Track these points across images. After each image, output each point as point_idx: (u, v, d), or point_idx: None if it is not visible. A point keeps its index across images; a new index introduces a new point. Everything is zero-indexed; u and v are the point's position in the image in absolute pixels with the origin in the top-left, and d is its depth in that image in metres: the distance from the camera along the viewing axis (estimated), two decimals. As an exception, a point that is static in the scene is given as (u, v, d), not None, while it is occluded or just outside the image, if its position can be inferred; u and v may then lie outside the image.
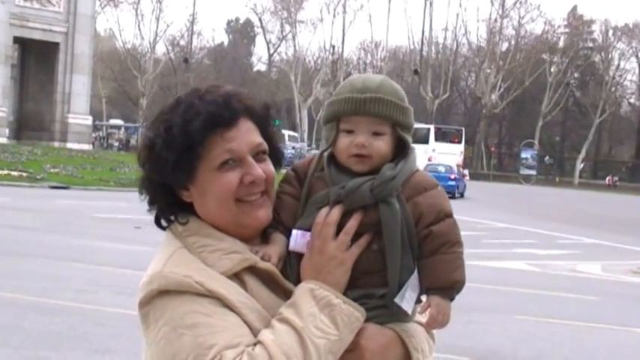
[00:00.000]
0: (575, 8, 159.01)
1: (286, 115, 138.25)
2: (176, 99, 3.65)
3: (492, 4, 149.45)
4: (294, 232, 3.59)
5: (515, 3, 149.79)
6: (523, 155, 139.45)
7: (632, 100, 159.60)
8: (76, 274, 22.79)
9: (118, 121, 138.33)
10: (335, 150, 3.67)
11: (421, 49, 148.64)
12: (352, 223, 3.53)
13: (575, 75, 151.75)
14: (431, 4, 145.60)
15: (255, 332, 3.36)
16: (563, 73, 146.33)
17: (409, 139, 3.71)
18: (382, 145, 3.62)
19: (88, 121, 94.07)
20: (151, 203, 3.69)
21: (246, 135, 3.58)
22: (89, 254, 27.07)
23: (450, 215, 3.65)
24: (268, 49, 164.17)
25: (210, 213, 3.59)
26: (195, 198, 3.59)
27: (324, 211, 3.56)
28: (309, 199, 3.66)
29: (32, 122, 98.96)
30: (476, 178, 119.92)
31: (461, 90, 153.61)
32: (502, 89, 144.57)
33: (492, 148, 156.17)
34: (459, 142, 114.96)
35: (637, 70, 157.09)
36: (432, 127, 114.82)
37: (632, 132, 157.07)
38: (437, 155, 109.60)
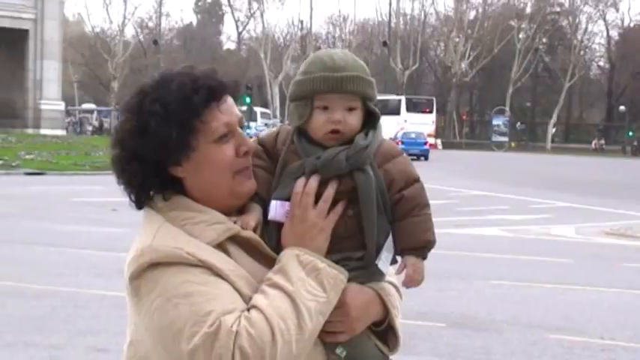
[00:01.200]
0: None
1: (258, 92, 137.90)
2: (161, 77, 3.74)
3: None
4: (273, 202, 3.71)
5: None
6: (495, 122, 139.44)
7: (601, 63, 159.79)
8: (55, 259, 22.87)
9: (91, 106, 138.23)
10: (309, 126, 3.80)
11: (389, 21, 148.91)
12: (330, 192, 3.68)
13: (544, 40, 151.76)
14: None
15: (244, 298, 3.48)
16: (532, 39, 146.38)
17: (377, 110, 3.87)
18: (354, 120, 3.77)
19: (61, 106, 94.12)
20: (129, 183, 3.71)
21: (234, 109, 3.73)
22: (67, 238, 27.10)
23: (418, 180, 3.83)
24: (237, 27, 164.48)
25: (206, 186, 3.69)
26: (189, 172, 3.67)
27: (301, 181, 3.69)
28: (283, 170, 3.78)
29: (4, 109, 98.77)
30: (448, 147, 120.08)
31: (430, 60, 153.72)
32: (471, 57, 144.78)
33: (464, 117, 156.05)
34: (431, 112, 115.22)
35: (604, 33, 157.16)
36: (403, 98, 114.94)
37: (602, 95, 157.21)
38: (409, 126, 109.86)
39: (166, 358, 3.49)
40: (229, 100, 3.72)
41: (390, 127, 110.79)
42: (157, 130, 3.56)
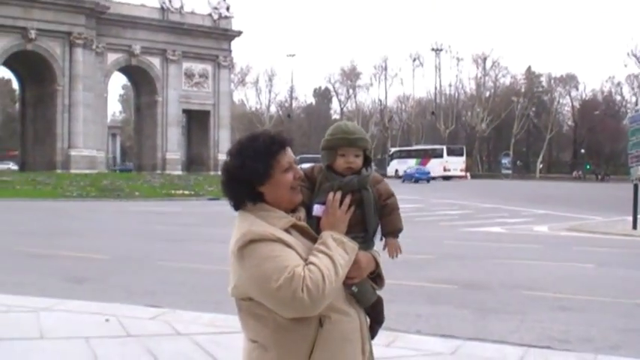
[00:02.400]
0: (529, 67, 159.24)
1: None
2: (252, 135, 4.36)
3: (477, 67, 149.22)
4: (315, 205, 4.38)
5: (492, 66, 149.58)
6: (503, 161, 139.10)
7: (569, 123, 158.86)
8: (218, 250, 23.22)
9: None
10: (334, 164, 4.48)
11: (435, 98, 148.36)
12: (348, 199, 4.33)
13: (533, 109, 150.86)
14: (439, 69, 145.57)
15: (303, 259, 4.09)
16: (525, 108, 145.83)
17: (371, 156, 4.60)
18: (359, 161, 4.47)
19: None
20: (232, 196, 4.33)
21: (291, 153, 4.32)
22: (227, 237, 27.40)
23: (393, 194, 4.59)
24: (340, 104, 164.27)
25: (277, 197, 4.27)
26: (268, 189, 4.25)
27: (331, 193, 4.34)
28: (320, 187, 4.45)
29: (197, 160, 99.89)
30: (474, 177, 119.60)
31: (462, 122, 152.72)
32: (487, 120, 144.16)
33: (483, 158, 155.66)
34: (462, 155, 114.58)
35: (570, 104, 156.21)
36: (444, 147, 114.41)
37: (570, 142, 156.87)
38: (449, 165, 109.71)
39: (260, 294, 4.08)
40: (289, 148, 4.31)
41: (435, 165, 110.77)
42: (251, 165, 4.18)
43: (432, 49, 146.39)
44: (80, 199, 53.45)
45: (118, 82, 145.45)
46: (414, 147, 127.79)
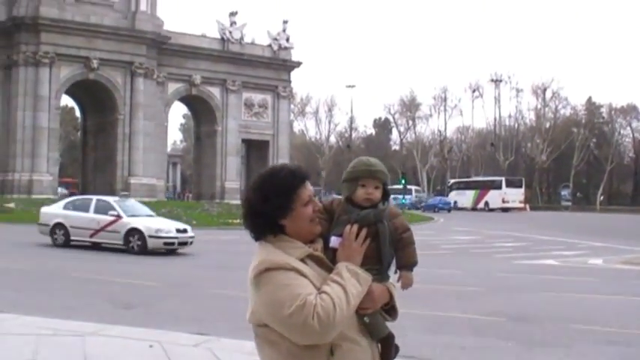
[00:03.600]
0: (590, 98, 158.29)
1: (412, 177, 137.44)
2: (272, 170, 4.51)
3: (537, 98, 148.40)
4: (332, 237, 4.48)
5: (552, 97, 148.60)
6: (562, 193, 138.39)
7: (630, 154, 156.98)
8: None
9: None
10: (354, 196, 4.59)
11: (494, 129, 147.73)
12: (364, 232, 4.43)
13: (593, 140, 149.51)
14: (499, 100, 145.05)
15: (317, 288, 4.19)
16: (585, 139, 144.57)
17: (389, 190, 4.70)
18: (378, 193, 4.58)
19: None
20: (252, 228, 4.47)
21: (310, 186, 4.47)
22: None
23: (409, 229, 4.65)
24: (399, 135, 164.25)
25: (297, 229, 4.40)
26: (289, 221, 4.37)
27: (349, 226, 4.44)
28: (338, 219, 4.54)
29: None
30: (533, 209, 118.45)
31: (521, 154, 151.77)
32: (547, 152, 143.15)
33: (543, 189, 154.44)
34: (521, 187, 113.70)
35: (631, 135, 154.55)
36: (503, 178, 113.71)
37: (631, 174, 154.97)
38: (507, 196, 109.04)
39: (273, 320, 4.21)
40: (308, 182, 4.44)
41: (494, 197, 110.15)
42: (273, 200, 4.33)
43: (492, 80, 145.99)
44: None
45: (179, 112, 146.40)
46: (473, 178, 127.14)
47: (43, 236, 36.30)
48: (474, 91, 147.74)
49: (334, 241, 4.48)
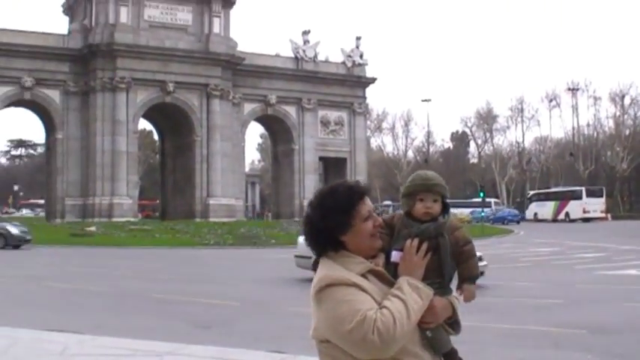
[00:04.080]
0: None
1: (491, 189, 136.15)
2: (331, 187, 4.60)
3: (616, 106, 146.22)
4: (393, 252, 4.53)
5: (631, 103, 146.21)
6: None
7: None
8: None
9: (388, 202, 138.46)
10: (413, 210, 4.67)
11: (573, 139, 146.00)
12: (425, 246, 4.48)
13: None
14: (576, 109, 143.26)
15: (377, 303, 4.24)
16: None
17: (448, 202, 4.74)
18: (437, 207, 4.65)
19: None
20: (314, 244, 4.54)
21: (369, 201, 4.50)
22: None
23: (470, 241, 4.69)
24: (477, 148, 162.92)
25: (357, 244, 4.45)
26: (349, 237, 4.44)
27: (409, 240, 4.50)
28: (399, 234, 4.59)
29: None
30: (615, 219, 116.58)
31: (601, 163, 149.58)
32: (628, 160, 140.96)
33: (624, 198, 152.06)
34: (602, 196, 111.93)
35: None
36: (583, 188, 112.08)
37: None
38: (588, 206, 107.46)
39: (334, 335, 4.27)
40: (367, 197, 4.49)
41: (575, 207, 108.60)
42: (332, 216, 4.41)
43: (568, 89, 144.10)
44: (217, 247, 54.10)
45: (256, 132, 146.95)
46: (553, 189, 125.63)
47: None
48: (550, 100, 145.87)
49: (395, 255, 4.53)
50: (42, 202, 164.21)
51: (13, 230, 49.26)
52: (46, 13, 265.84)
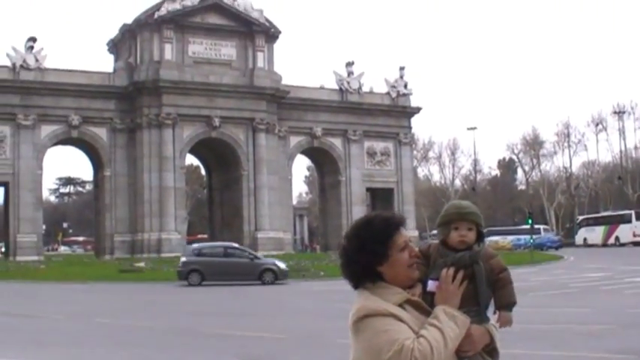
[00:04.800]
0: None
1: (540, 216, 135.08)
2: (367, 219, 4.68)
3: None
4: (430, 281, 4.61)
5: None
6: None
7: None
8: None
9: (436, 231, 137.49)
10: (448, 239, 4.77)
11: (621, 162, 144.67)
12: (460, 275, 4.57)
13: None
14: (623, 132, 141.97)
15: (414, 332, 4.32)
16: None
17: (483, 230, 4.84)
18: (472, 235, 4.75)
19: (415, 233, 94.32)
20: (351, 276, 4.64)
21: (405, 232, 4.62)
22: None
23: (506, 269, 4.77)
24: (525, 174, 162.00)
25: (394, 275, 4.54)
26: (386, 267, 4.52)
27: (445, 269, 4.58)
28: (434, 263, 4.69)
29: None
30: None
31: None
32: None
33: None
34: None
35: None
36: (633, 212, 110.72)
37: None
38: (638, 230, 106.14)
39: None
40: (403, 228, 4.61)
41: (625, 231, 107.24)
42: (369, 248, 4.51)
43: (614, 112, 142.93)
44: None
45: (303, 164, 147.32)
46: (602, 214, 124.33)
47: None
48: (597, 124, 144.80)
49: (431, 284, 4.61)
50: (81, 239, 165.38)
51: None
52: (91, 52, 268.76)
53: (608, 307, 28.58)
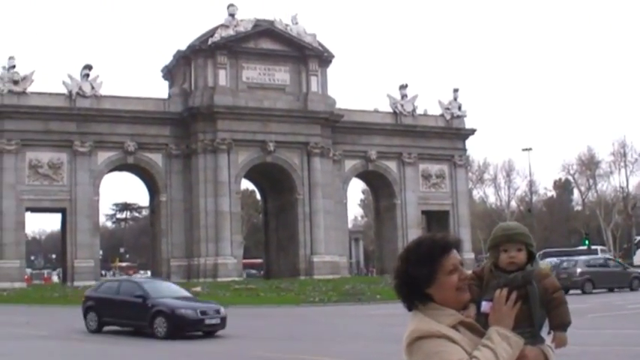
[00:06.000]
0: None
1: (597, 236, 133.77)
2: (417, 240, 4.79)
3: None
4: (484, 302, 4.67)
5: None
6: None
7: None
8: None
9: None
10: (498, 260, 4.80)
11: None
12: (514, 296, 4.61)
13: None
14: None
15: (468, 353, 4.40)
16: None
17: (534, 251, 4.84)
18: (522, 255, 4.77)
19: (472, 255, 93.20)
20: (404, 298, 4.73)
21: (456, 255, 4.64)
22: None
23: (560, 289, 4.79)
24: (581, 195, 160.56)
25: (444, 297, 4.60)
26: (435, 290, 4.60)
27: (498, 290, 4.63)
28: (487, 285, 4.77)
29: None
30: None
31: None
32: None
33: None
34: None
35: None
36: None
37: None
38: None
39: None
40: (454, 250, 4.64)
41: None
42: (416, 270, 4.60)
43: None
44: (321, 305, 53.84)
45: (358, 188, 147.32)
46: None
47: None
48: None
49: (485, 305, 4.67)
50: (124, 264, 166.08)
51: None
52: (146, 79, 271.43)
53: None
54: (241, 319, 42.14)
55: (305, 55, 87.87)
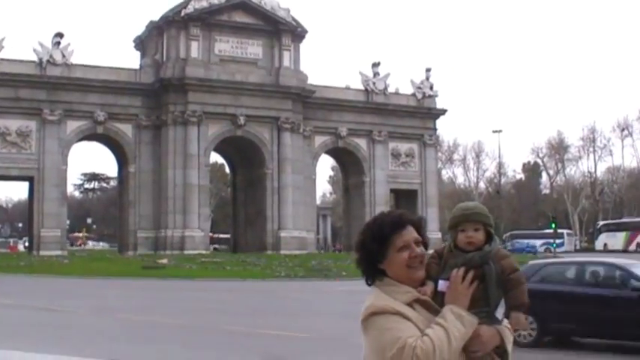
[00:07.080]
0: None
1: (564, 220, 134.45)
2: (373, 219, 4.82)
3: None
4: (440, 281, 4.65)
5: None
6: None
7: None
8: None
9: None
10: (457, 240, 4.78)
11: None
12: (470, 275, 4.60)
13: None
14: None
15: (421, 331, 4.43)
16: None
17: (492, 230, 4.82)
18: (479, 235, 4.75)
19: (439, 235, 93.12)
20: (363, 272, 4.74)
21: (411, 232, 4.65)
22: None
23: (517, 270, 4.74)
24: (549, 179, 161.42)
25: (397, 274, 4.63)
26: (386, 265, 4.64)
27: (455, 270, 4.61)
28: (446, 264, 4.71)
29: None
30: None
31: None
32: None
33: None
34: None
35: None
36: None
37: None
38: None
39: None
40: (409, 228, 4.67)
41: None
42: (368, 245, 4.67)
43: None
44: (287, 280, 53.85)
45: (327, 164, 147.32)
46: (623, 219, 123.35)
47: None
48: (622, 129, 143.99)
49: (442, 284, 4.65)
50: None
51: None
52: (118, 49, 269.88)
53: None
54: (207, 293, 42.16)
55: (278, 30, 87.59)
